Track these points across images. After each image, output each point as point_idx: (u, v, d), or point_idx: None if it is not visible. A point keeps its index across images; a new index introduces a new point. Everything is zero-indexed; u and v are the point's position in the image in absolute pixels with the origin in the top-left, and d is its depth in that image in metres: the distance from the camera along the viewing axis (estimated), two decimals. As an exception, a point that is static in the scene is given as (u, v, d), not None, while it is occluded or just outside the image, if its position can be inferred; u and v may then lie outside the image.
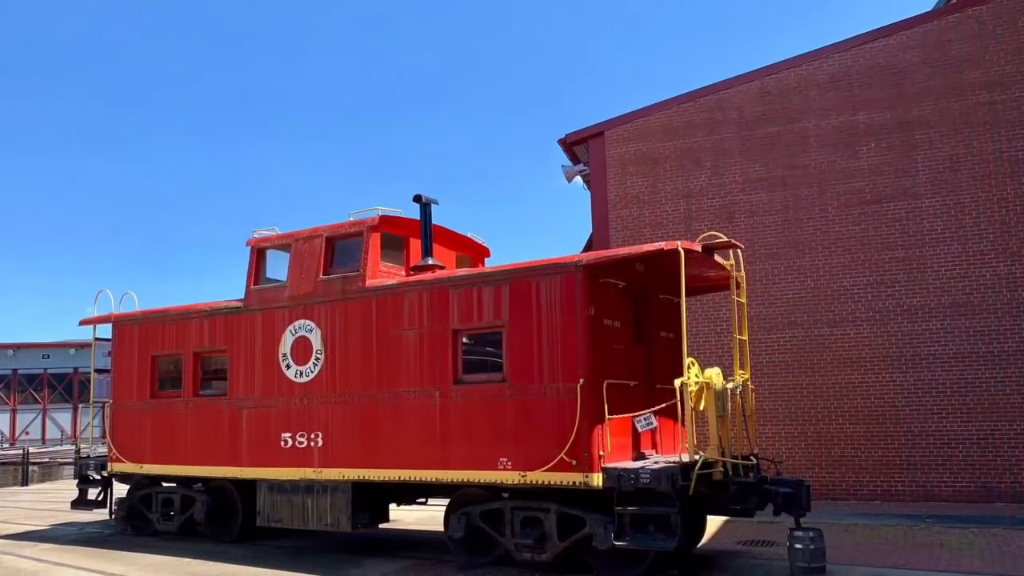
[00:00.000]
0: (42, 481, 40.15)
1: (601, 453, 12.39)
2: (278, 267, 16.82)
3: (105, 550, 17.07)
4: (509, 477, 13.09)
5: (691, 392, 12.14)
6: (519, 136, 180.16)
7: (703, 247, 13.21)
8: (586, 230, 24.80)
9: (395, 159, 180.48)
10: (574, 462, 12.45)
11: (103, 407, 19.78)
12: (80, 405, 68.07)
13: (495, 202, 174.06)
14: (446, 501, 14.70)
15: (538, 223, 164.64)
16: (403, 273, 15.86)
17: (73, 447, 46.23)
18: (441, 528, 14.89)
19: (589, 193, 24.47)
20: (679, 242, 12.54)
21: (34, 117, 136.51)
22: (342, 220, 15.99)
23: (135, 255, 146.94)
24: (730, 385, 12.87)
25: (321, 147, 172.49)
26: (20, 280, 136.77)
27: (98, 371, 20.55)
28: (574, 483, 12.48)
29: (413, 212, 16.10)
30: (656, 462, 12.78)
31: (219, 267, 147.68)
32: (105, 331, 19.72)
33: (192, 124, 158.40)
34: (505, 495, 13.66)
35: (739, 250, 13.84)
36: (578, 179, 25.68)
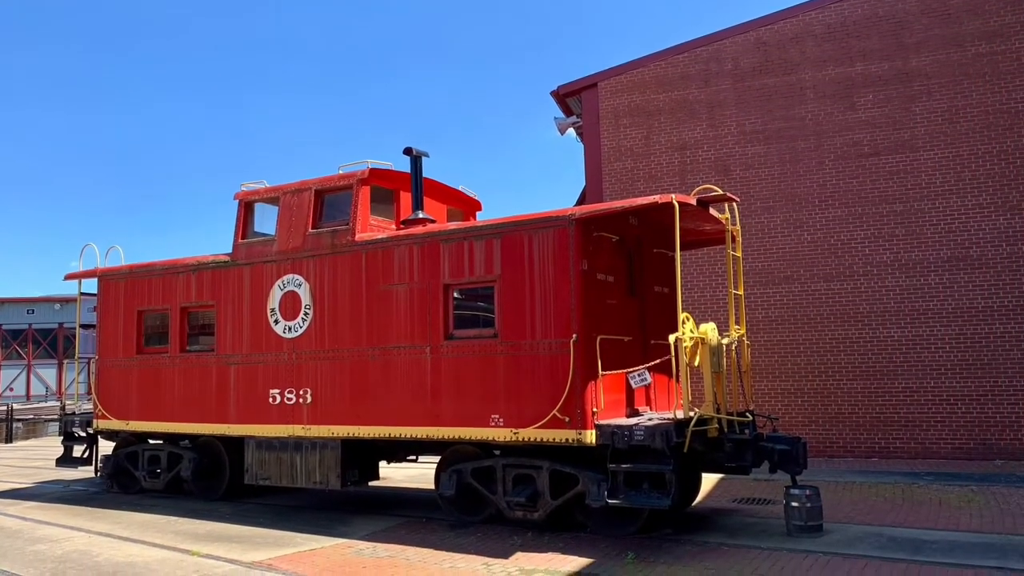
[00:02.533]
0: (27, 438, 40.08)
1: (594, 410, 12.20)
2: (266, 221, 16.56)
3: (90, 508, 16.93)
4: (501, 434, 12.88)
5: (686, 348, 11.93)
6: (511, 87, 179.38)
7: (698, 200, 12.93)
8: (579, 183, 24.57)
9: (385, 111, 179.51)
10: (567, 419, 12.24)
11: (88, 363, 19.58)
12: (65, 361, 67.78)
13: (487, 155, 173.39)
14: (437, 459, 14.53)
15: (531, 176, 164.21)
16: (393, 227, 15.61)
17: (58, 403, 46.07)
18: (432, 486, 14.74)
19: (582, 146, 24.22)
20: (674, 195, 12.25)
21: (12, 66, 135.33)
22: (331, 173, 15.72)
23: (121, 208, 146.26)
24: (725, 340, 12.68)
25: (310, 98, 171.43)
26: (3, 234, 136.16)
27: (83, 326, 20.31)
28: (567, 440, 12.27)
29: (403, 165, 15.84)
30: (650, 419, 12.60)
31: (207, 221, 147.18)
32: (91, 286, 19.45)
33: (178, 74, 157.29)
34: (497, 452, 13.51)
35: (735, 203, 13.54)
36: (571, 131, 25.41)
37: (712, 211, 13.51)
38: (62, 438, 20.66)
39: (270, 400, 15.64)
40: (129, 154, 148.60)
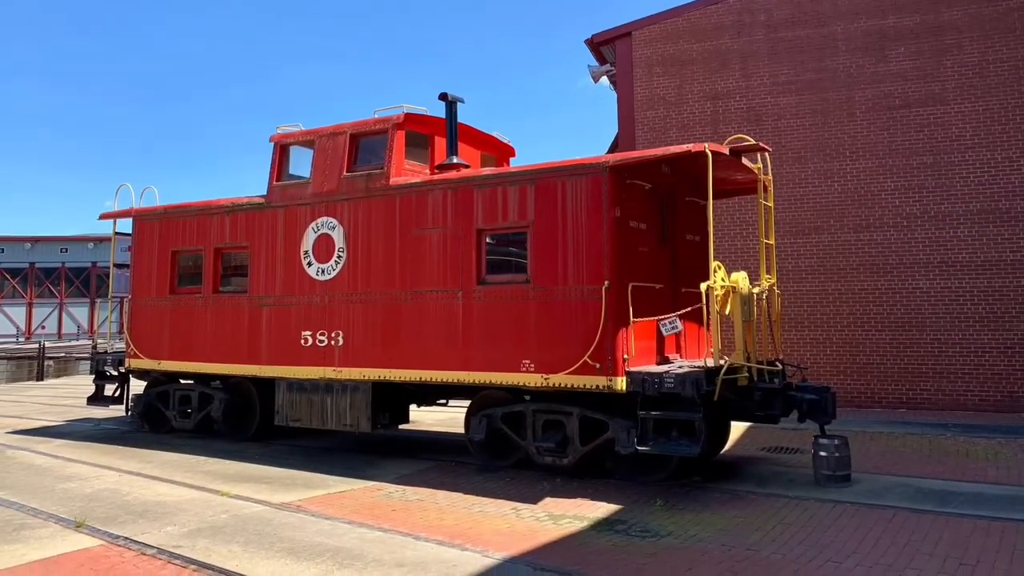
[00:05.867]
0: (57, 376, 40.27)
1: (625, 356, 12.22)
2: (301, 163, 16.53)
3: (120, 447, 17.07)
4: (531, 379, 12.93)
5: (717, 296, 11.93)
6: (545, 35, 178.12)
7: (731, 150, 12.88)
8: (610, 131, 24.53)
9: (419, 59, 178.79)
10: (598, 365, 12.28)
11: (121, 302, 19.70)
12: (98, 300, 68.05)
13: (520, 102, 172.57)
14: (467, 403, 14.63)
15: (562, 124, 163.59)
16: (427, 171, 15.57)
17: (90, 342, 46.23)
18: (461, 430, 14.83)
19: (615, 94, 24.15)
20: (707, 144, 12.21)
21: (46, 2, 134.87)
22: (367, 117, 15.71)
23: (157, 149, 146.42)
24: (756, 290, 12.66)
25: (344, 43, 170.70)
26: (39, 174, 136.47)
27: (117, 266, 20.41)
28: (597, 387, 12.32)
29: (438, 111, 15.82)
30: (680, 367, 12.60)
31: (242, 164, 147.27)
32: (125, 225, 19.53)
33: (216, 15, 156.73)
34: (527, 398, 13.58)
35: (767, 153, 13.50)
36: (604, 79, 25.33)
37: (744, 161, 13.44)
38: (93, 376, 20.81)
39: (302, 342, 15.74)
40: (167, 95, 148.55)
